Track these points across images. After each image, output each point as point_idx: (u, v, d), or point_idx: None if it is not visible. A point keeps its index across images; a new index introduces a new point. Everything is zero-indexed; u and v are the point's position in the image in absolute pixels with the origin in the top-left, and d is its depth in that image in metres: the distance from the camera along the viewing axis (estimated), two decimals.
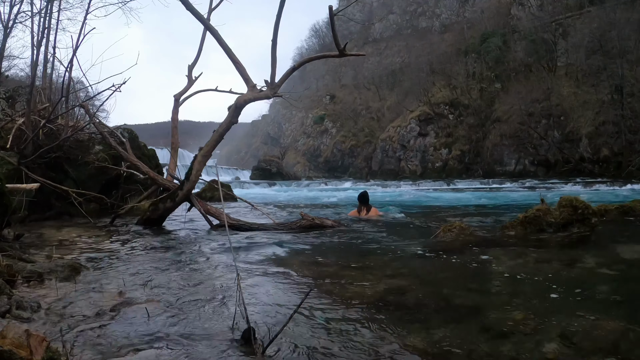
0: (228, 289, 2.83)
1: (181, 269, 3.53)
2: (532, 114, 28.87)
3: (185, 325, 2.19)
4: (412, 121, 36.46)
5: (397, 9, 50.68)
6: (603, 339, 1.91)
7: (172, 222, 6.72)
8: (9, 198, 4.21)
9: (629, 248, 3.83)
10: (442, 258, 3.76)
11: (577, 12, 31.58)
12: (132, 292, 2.79)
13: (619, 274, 3.03)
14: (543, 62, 32.19)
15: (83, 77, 7.94)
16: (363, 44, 50.20)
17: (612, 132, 24.96)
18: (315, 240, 4.87)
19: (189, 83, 8.15)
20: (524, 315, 2.21)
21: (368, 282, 2.97)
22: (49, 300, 2.58)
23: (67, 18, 16.40)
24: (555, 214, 4.55)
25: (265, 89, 6.30)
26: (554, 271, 3.13)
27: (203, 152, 6.34)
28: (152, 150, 10.60)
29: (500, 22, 36.60)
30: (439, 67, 37.93)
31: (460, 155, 33.28)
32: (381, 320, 2.24)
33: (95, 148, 8.47)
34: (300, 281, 3.10)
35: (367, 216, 7.18)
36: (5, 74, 11.02)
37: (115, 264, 3.71)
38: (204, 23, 6.84)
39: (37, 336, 1.61)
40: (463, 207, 10.06)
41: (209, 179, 9.63)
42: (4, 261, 2.85)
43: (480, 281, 2.99)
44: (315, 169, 46.18)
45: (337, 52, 5.96)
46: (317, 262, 3.77)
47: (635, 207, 5.62)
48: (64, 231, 5.67)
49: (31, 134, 7.10)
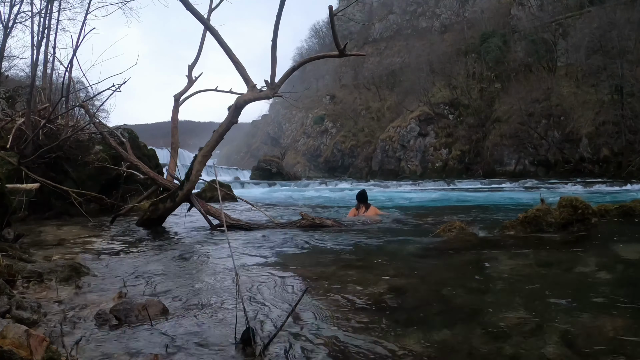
0: (227, 289, 2.83)
1: (181, 269, 3.53)
2: (532, 114, 28.88)
3: (185, 325, 2.19)
4: (412, 121, 36.45)
5: (397, 9, 50.65)
6: (603, 340, 1.91)
7: (172, 222, 6.72)
8: (9, 198, 4.21)
9: (629, 248, 3.83)
10: (442, 258, 3.76)
11: (577, 12, 31.58)
12: (132, 292, 2.79)
13: (619, 274, 3.03)
14: (543, 62, 32.20)
15: (83, 77, 7.97)
16: (363, 44, 50.17)
17: (612, 132, 24.97)
18: (315, 240, 4.87)
19: (189, 83, 8.15)
20: (524, 315, 2.21)
21: (367, 282, 2.96)
22: (49, 300, 2.58)
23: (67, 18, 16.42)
24: (555, 214, 4.54)
25: (265, 89, 6.30)
26: (554, 271, 3.13)
27: (203, 152, 6.34)
28: (152, 150, 10.61)
29: (500, 22, 36.58)
30: (439, 67, 37.91)
31: (460, 155, 33.28)
32: (380, 320, 2.24)
33: (95, 148, 8.48)
34: (300, 281, 3.10)
35: (366, 215, 7.15)
36: (5, 74, 11.01)
37: (115, 264, 3.71)
38: (204, 23, 6.84)
39: (37, 336, 1.61)
40: (463, 207, 10.07)
41: (209, 179, 9.63)
42: (4, 261, 2.85)
43: (480, 281, 2.99)
44: (315, 169, 46.17)
45: (337, 52, 5.96)
46: (317, 262, 3.76)
47: (635, 207, 5.61)
48: (64, 231, 5.67)
49: (31, 134, 7.10)
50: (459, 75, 36.04)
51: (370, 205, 7.37)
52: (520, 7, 36.35)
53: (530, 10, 35.49)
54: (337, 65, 49.14)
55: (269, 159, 37.67)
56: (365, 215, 7.16)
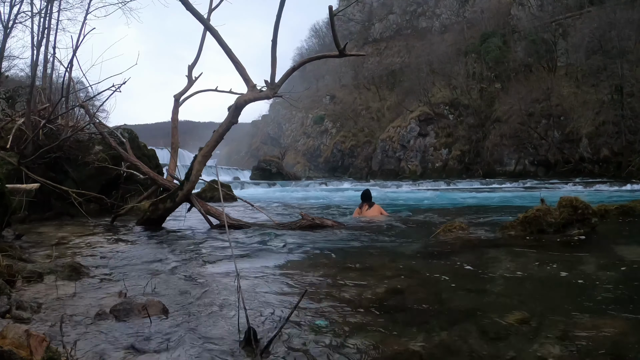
0: (228, 289, 2.83)
1: (181, 269, 3.53)
2: (532, 114, 28.87)
3: (185, 325, 2.19)
4: (412, 121, 36.45)
5: (397, 9, 50.60)
6: (603, 340, 1.91)
7: (172, 222, 6.72)
8: (9, 198, 4.21)
9: (629, 248, 3.83)
10: (442, 258, 3.76)
11: (577, 12, 31.57)
12: (132, 292, 2.79)
13: (619, 274, 3.03)
14: (543, 62, 32.20)
15: (83, 77, 7.97)
16: (363, 44, 50.14)
17: (612, 132, 24.96)
18: (315, 241, 4.87)
19: (189, 83, 8.15)
20: (524, 316, 2.21)
21: (367, 282, 2.96)
22: (49, 300, 2.58)
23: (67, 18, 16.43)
24: (555, 214, 4.54)
25: (265, 89, 6.30)
26: (554, 271, 3.13)
27: (203, 152, 6.34)
28: (152, 150, 10.61)
29: (500, 22, 36.56)
30: (439, 67, 37.89)
31: (460, 155, 33.27)
32: (380, 321, 2.24)
33: (95, 148, 8.48)
34: (300, 281, 3.10)
35: (370, 215, 7.17)
36: (5, 74, 11.02)
37: (115, 264, 3.71)
38: (204, 23, 6.84)
39: (37, 336, 1.61)
40: (463, 207, 10.07)
41: (209, 179, 9.63)
42: (4, 261, 2.85)
43: (480, 281, 2.99)
44: (315, 169, 46.19)
45: (337, 52, 5.96)
46: (317, 262, 3.76)
47: (635, 207, 5.62)
48: (64, 231, 5.67)
49: (31, 134, 7.10)
50: (459, 75, 36.01)
51: (374, 204, 7.39)
52: (520, 7, 36.34)
53: (530, 10, 35.49)
54: (337, 65, 49.08)
55: (269, 159, 37.67)
56: (368, 215, 7.17)
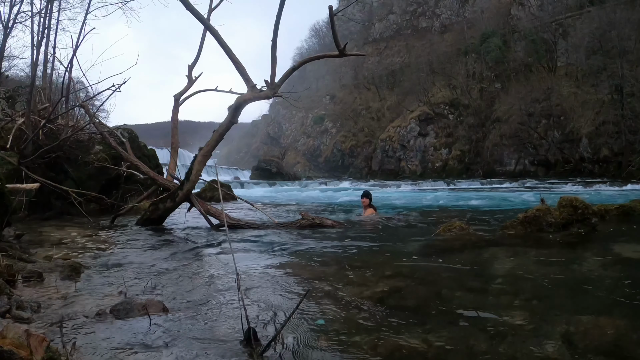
0: (228, 290, 2.83)
1: (181, 269, 3.53)
2: (532, 114, 28.86)
3: (185, 325, 2.19)
4: (412, 121, 36.45)
5: (397, 9, 50.58)
6: (603, 339, 1.91)
7: (172, 222, 6.72)
8: (9, 198, 4.20)
9: (629, 248, 3.83)
10: (442, 258, 3.76)
11: (577, 12, 31.57)
12: (132, 291, 2.79)
13: (619, 274, 3.03)
14: (543, 62, 32.20)
15: (83, 77, 7.97)
16: (363, 44, 50.11)
17: (612, 132, 24.95)
18: (315, 240, 4.87)
19: (188, 83, 8.16)
20: (524, 315, 2.21)
21: (367, 282, 2.96)
22: (49, 300, 2.58)
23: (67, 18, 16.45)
24: (555, 214, 4.55)
25: (265, 89, 6.30)
26: (554, 271, 3.13)
27: (203, 152, 6.34)
28: (152, 150, 10.62)
29: (500, 22, 36.54)
30: (439, 67, 37.91)
31: (460, 155, 33.27)
32: (380, 321, 2.24)
33: (95, 148, 8.48)
34: (301, 281, 3.10)
35: (366, 215, 7.18)
36: (5, 74, 11.01)
37: (115, 263, 3.71)
38: (204, 23, 6.84)
39: (37, 336, 1.61)
40: (463, 207, 10.06)
41: (209, 179, 9.63)
42: (4, 261, 2.85)
43: (480, 281, 2.99)
44: (315, 169, 46.16)
45: (337, 52, 5.97)
46: (317, 262, 3.76)
47: (635, 207, 5.62)
48: (64, 231, 5.67)
49: (31, 134, 7.10)
50: (459, 75, 36.00)
51: (370, 207, 7.39)
52: (520, 7, 36.33)
53: (530, 10, 35.48)
54: (337, 65, 49.06)
55: (269, 159, 37.69)
56: (367, 215, 7.18)
